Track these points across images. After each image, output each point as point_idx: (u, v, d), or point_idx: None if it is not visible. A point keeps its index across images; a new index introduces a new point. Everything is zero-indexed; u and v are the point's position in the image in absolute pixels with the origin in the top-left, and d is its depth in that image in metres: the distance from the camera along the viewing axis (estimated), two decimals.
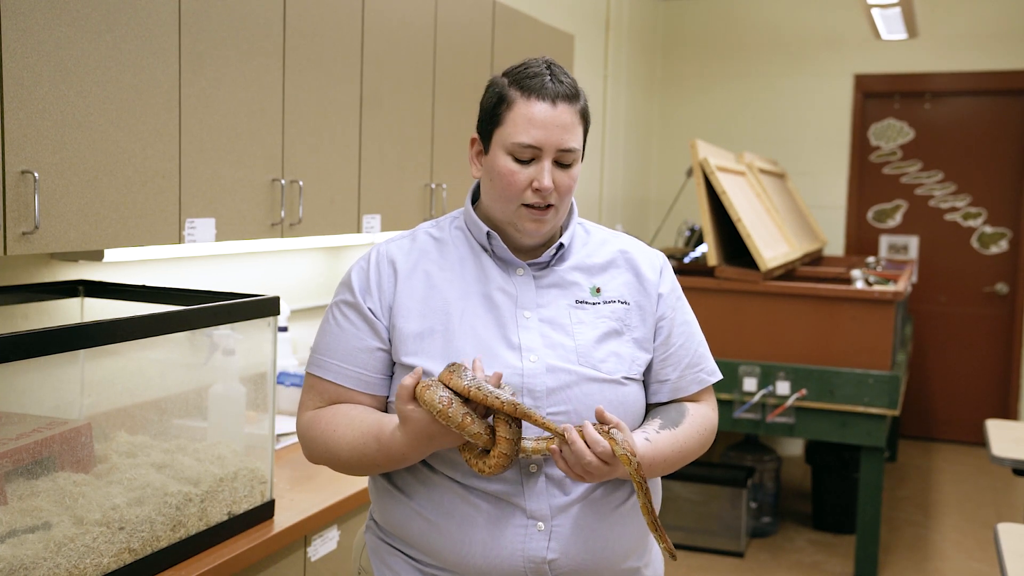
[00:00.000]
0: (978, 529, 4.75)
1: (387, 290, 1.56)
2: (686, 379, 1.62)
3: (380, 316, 1.55)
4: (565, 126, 1.50)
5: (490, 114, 1.55)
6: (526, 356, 1.51)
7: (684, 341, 1.63)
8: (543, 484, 1.48)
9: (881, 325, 3.94)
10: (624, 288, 1.60)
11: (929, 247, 6.28)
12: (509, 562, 1.47)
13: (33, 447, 1.66)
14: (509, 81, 1.53)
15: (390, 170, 2.91)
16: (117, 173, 1.94)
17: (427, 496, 1.52)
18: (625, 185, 6.03)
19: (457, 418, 1.36)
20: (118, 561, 1.67)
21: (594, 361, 1.53)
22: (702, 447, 1.60)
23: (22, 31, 1.71)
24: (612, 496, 1.53)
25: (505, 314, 1.54)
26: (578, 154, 1.54)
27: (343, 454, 1.53)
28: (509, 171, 1.51)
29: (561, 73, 1.54)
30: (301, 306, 3.15)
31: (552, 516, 1.48)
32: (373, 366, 1.56)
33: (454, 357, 1.50)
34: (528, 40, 3.70)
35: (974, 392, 6.25)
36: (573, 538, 1.48)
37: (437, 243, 1.61)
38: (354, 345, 1.56)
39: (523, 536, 1.47)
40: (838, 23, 6.21)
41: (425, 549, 1.52)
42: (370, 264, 1.59)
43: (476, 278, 1.57)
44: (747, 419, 4.05)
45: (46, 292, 2.15)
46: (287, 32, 2.40)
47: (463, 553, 1.48)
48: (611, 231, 1.70)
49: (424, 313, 1.54)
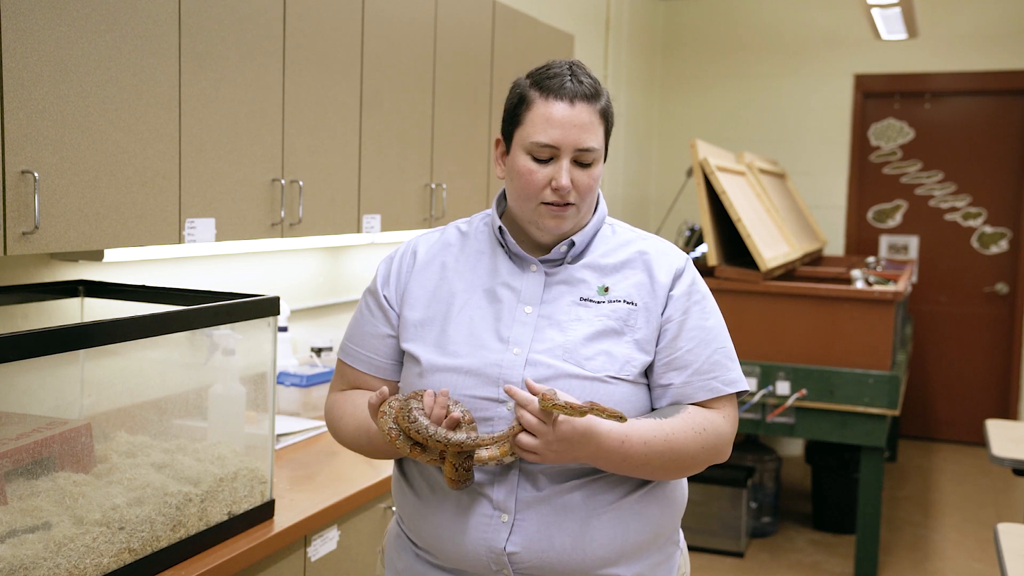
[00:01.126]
0: (978, 529, 4.75)
1: (403, 279, 1.64)
2: (693, 386, 1.55)
3: (394, 305, 1.64)
4: (583, 126, 1.52)
5: (511, 114, 1.58)
6: (511, 348, 1.53)
7: (695, 346, 1.56)
8: (515, 477, 1.50)
9: (881, 325, 3.94)
10: (633, 289, 1.58)
11: (929, 247, 6.28)
12: (473, 551, 1.51)
13: (33, 447, 1.66)
14: (531, 82, 1.55)
15: (390, 170, 2.91)
16: (117, 173, 1.94)
17: (421, 483, 1.59)
18: (625, 185, 6.03)
19: (406, 449, 1.47)
20: (118, 561, 1.67)
21: (579, 358, 1.52)
22: (702, 448, 1.52)
23: (22, 31, 1.71)
24: (597, 497, 1.51)
25: (505, 308, 1.56)
26: (598, 153, 1.55)
27: (348, 441, 1.66)
28: (528, 170, 1.53)
29: (582, 74, 1.55)
30: (301, 306, 3.15)
31: (518, 509, 1.49)
32: (385, 352, 1.64)
33: (447, 346, 1.55)
34: (528, 40, 3.70)
35: (974, 392, 6.25)
36: (538, 534, 1.48)
37: (462, 237, 1.67)
38: (369, 331, 1.65)
39: (486, 526, 1.50)
40: (838, 23, 6.21)
41: (415, 532, 1.60)
42: (397, 254, 1.68)
43: (487, 272, 1.60)
44: (747, 419, 4.05)
45: (46, 292, 2.15)
46: (287, 32, 2.40)
47: (437, 538, 1.55)
48: (642, 233, 1.68)
49: (429, 303, 1.60)
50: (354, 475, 2.31)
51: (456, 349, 1.54)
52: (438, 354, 1.55)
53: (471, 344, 1.54)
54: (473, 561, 1.51)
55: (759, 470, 4.60)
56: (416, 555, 1.62)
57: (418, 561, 1.61)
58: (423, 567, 1.60)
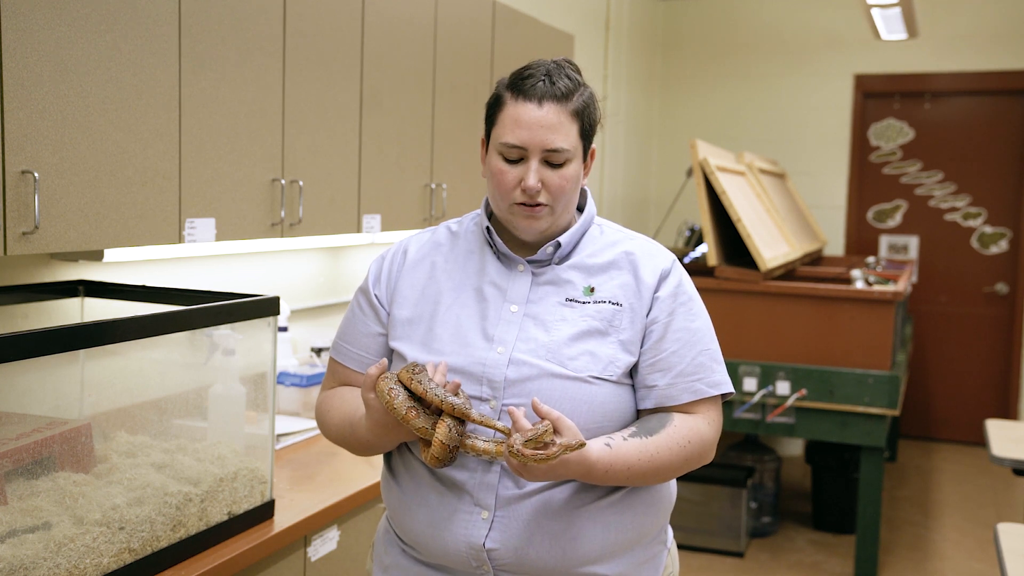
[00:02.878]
0: (978, 529, 4.75)
1: (393, 278, 1.65)
2: (677, 387, 1.55)
3: (384, 303, 1.65)
4: (551, 126, 1.52)
5: (488, 114, 1.60)
6: (494, 347, 1.53)
7: (679, 348, 1.56)
8: (496, 474, 1.51)
9: (881, 325, 3.94)
10: (619, 290, 1.58)
11: (929, 247, 6.28)
12: (453, 546, 1.52)
13: (33, 447, 1.66)
14: (507, 82, 1.57)
15: (390, 170, 2.91)
16: (117, 173, 1.94)
17: (407, 478, 1.60)
18: (625, 185, 6.03)
19: (401, 411, 1.44)
20: (118, 561, 1.67)
21: (562, 358, 1.52)
22: (685, 461, 1.53)
23: (22, 31, 1.71)
24: (576, 497, 1.51)
25: (491, 307, 1.57)
26: (569, 154, 1.54)
27: (333, 435, 1.66)
28: (499, 170, 1.55)
29: (560, 74, 1.54)
30: (301, 306, 3.15)
31: (498, 506, 1.50)
32: (375, 350, 1.65)
33: (432, 344, 1.56)
34: (528, 40, 3.70)
35: (974, 392, 6.25)
36: (518, 531, 1.49)
37: (452, 236, 1.68)
38: (360, 329, 1.66)
39: (466, 522, 1.51)
40: (838, 23, 6.21)
41: (400, 528, 1.61)
42: (389, 253, 1.70)
43: (475, 271, 1.61)
44: (747, 419, 4.05)
45: (46, 292, 2.15)
46: (287, 32, 2.40)
47: (419, 532, 1.56)
48: (629, 233, 1.67)
49: (418, 301, 1.61)
50: (354, 475, 2.32)
51: (442, 347, 1.55)
52: (424, 352, 1.56)
53: (456, 342, 1.55)
54: (454, 557, 1.53)
55: (759, 470, 4.60)
56: (403, 551, 1.63)
57: (404, 556, 1.63)
58: (408, 562, 1.62)
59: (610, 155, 5.69)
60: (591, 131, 1.59)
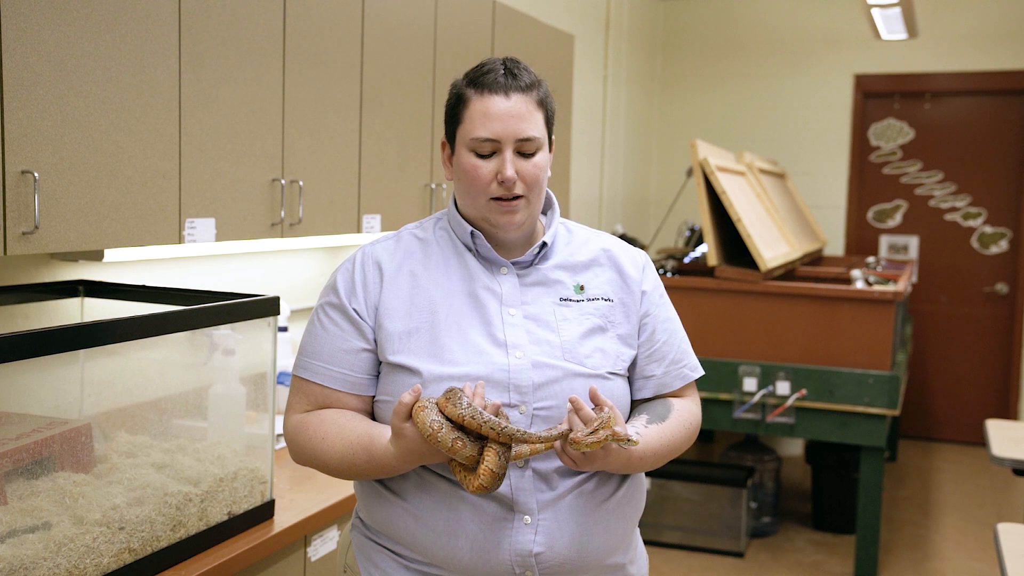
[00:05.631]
0: (978, 529, 4.75)
1: (372, 291, 1.58)
2: (671, 375, 1.65)
3: (365, 317, 1.57)
4: (521, 115, 1.54)
5: (451, 115, 1.60)
6: (512, 352, 1.53)
7: (668, 338, 1.66)
8: (530, 479, 1.50)
9: (881, 325, 3.94)
10: (607, 286, 1.63)
11: (929, 247, 6.28)
12: (496, 556, 1.48)
13: (33, 447, 1.66)
14: (466, 81, 1.59)
15: (390, 170, 2.91)
16: (117, 173, 1.94)
17: (416, 494, 1.53)
18: (625, 185, 6.03)
19: (447, 442, 1.38)
20: (118, 561, 1.67)
21: (579, 357, 1.55)
22: (687, 441, 1.64)
23: (22, 31, 1.71)
24: (598, 491, 1.54)
25: (490, 312, 1.56)
26: (539, 142, 1.56)
27: (331, 462, 1.54)
28: (473, 166, 1.55)
29: (516, 68, 1.57)
30: (301, 306, 3.15)
31: (539, 510, 1.50)
32: (359, 367, 1.57)
33: (443, 355, 1.52)
34: (528, 40, 3.70)
35: (974, 392, 6.25)
36: (559, 532, 1.50)
37: (422, 244, 1.64)
38: (339, 347, 1.57)
39: (510, 530, 1.48)
40: (838, 23, 6.21)
41: (413, 546, 1.53)
42: (355, 265, 1.61)
43: (461, 277, 1.59)
44: (747, 419, 4.05)
45: (46, 292, 2.15)
46: (287, 32, 2.40)
47: (451, 548, 1.49)
48: (593, 230, 1.72)
49: (410, 312, 1.56)
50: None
51: (454, 357, 1.51)
52: (436, 363, 1.51)
53: (468, 351, 1.52)
54: (496, 567, 1.48)
55: (759, 470, 4.60)
56: (394, 560, 1.56)
57: (399, 567, 1.56)
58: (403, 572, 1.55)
59: (610, 155, 5.69)
60: (552, 121, 1.62)
